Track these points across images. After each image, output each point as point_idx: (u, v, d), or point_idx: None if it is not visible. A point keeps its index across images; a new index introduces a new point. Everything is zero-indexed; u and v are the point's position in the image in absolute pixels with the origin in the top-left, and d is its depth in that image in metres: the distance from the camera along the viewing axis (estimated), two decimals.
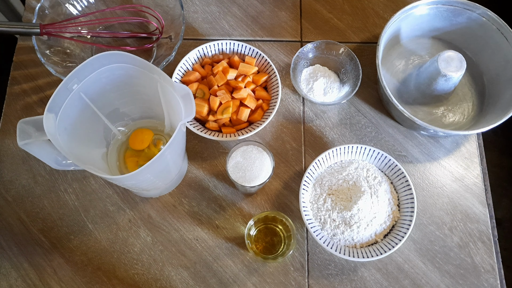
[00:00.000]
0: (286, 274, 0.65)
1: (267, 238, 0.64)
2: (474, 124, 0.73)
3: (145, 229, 0.67)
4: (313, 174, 0.66)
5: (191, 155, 0.72)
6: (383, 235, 0.64)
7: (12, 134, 0.72)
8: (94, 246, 0.66)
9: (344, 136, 0.74)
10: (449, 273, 0.66)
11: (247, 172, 0.62)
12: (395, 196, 0.66)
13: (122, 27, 0.80)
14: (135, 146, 0.65)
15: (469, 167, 0.72)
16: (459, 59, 0.69)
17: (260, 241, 0.64)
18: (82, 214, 0.68)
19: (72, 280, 0.65)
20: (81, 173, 0.70)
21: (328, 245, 0.61)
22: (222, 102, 0.69)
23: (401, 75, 0.77)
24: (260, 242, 0.64)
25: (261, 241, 0.64)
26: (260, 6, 0.83)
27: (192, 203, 0.69)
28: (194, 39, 0.80)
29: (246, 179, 0.62)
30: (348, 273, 0.66)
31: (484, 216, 0.69)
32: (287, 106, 0.75)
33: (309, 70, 0.76)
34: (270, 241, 0.64)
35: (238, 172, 0.62)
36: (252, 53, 0.73)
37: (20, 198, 0.69)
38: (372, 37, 0.81)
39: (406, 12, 0.72)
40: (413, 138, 0.74)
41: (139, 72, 0.54)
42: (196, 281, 0.65)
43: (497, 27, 0.71)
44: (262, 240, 0.64)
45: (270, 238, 0.64)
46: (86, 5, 0.75)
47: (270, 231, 0.65)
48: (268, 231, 0.65)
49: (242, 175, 0.62)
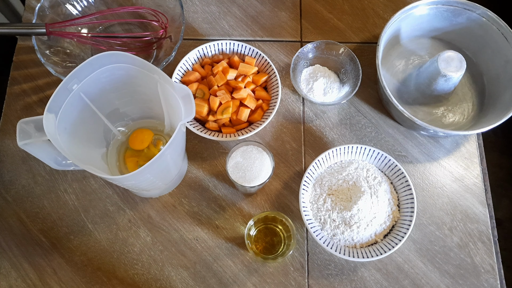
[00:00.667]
0: (286, 274, 0.65)
1: (267, 238, 0.64)
2: (474, 124, 0.73)
3: (145, 229, 0.67)
4: (313, 174, 0.66)
5: (191, 155, 0.72)
6: (383, 235, 0.64)
7: (12, 134, 0.72)
8: (94, 246, 0.66)
9: (344, 136, 0.74)
10: (449, 273, 0.66)
11: (247, 172, 0.62)
12: (395, 196, 0.66)
13: (122, 27, 0.80)
14: (135, 146, 0.65)
15: (469, 167, 0.72)
16: (459, 59, 0.69)
17: (260, 241, 0.64)
18: (82, 214, 0.68)
19: (72, 280, 0.65)
20: (81, 173, 0.70)
21: (328, 245, 0.61)
22: (222, 102, 0.69)
23: (401, 75, 0.77)
24: (260, 242, 0.64)
25: (261, 241, 0.64)
26: (260, 6, 0.83)
27: (192, 203, 0.69)
28: (194, 39, 0.80)
29: (246, 179, 0.62)
30: (348, 273, 0.66)
31: (484, 216, 0.69)
32: (287, 106, 0.75)
33: (309, 70, 0.76)
34: (270, 241, 0.64)
35: (238, 172, 0.62)
36: (252, 53, 0.73)
37: (20, 198, 0.69)
38: (372, 37, 0.81)
39: (406, 12, 0.72)
40: (413, 138, 0.74)
41: (139, 72, 0.54)
42: (196, 281, 0.65)
43: (497, 27, 0.71)
44: (262, 240, 0.64)
45: (270, 238, 0.64)
46: (86, 5, 0.75)
47: (270, 231, 0.65)
48: (268, 231, 0.65)
49: (242, 175, 0.62)
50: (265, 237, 0.65)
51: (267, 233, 0.65)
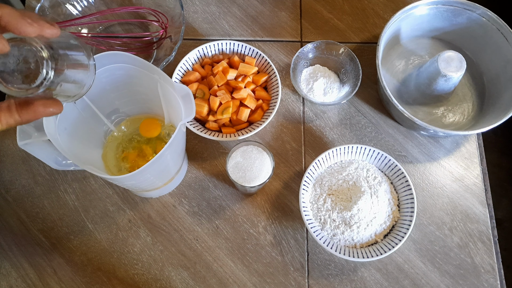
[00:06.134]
0: (286, 274, 0.65)
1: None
2: (474, 124, 0.73)
3: (145, 229, 0.67)
4: (313, 174, 0.66)
5: (191, 155, 0.72)
6: (383, 235, 0.64)
7: (12, 134, 0.72)
8: (94, 246, 0.66)
9: (344, 136, 0.74)
10: (449, 273, 0.66)
11: (247, 172, 0.62)
12: (395, 196, 0.66)
13: (122, 27, 0.80)
14: (146, 134, 0.65)
15: (469, 167, 0.72)
16: (459, 59, 0.69)
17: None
18: (82, 214, 0.68)
19: (72, 280, 0.65)
20: (81, 173, 0.70)
21: (328, 245, 0.61)
22: (222, 102, 0.69)
23: (401, 75, 0.77)
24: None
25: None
26: (260, 6, 0.83)
27: (192, 203, 0.69)
28: (194, 39, 0.80)
29: (246, 179, 0.62)
30: (348, 273, 0.66)
31: (484, 216, 0.69)
32: (287, 106, 0.75)
33: (309, 70, 0.76)
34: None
35: (238, 172, 0.62)
36: (252, 53, 0.73)
37: (20, 198, 0.69)
38: (372, 37, 0.81)
39: (406, 12, 0.72)
40: (413, 138, 0.74)
41: (139, 72, 0.54)
42: (196, 281, 0.65)
43: (497, 27, 0.71)
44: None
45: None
46: (86, 5, 0.76)
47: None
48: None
49: (242, 175, 0.62)
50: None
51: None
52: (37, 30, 0.36)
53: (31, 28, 0.35)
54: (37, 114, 0.39)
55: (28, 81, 0.37)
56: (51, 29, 0.37)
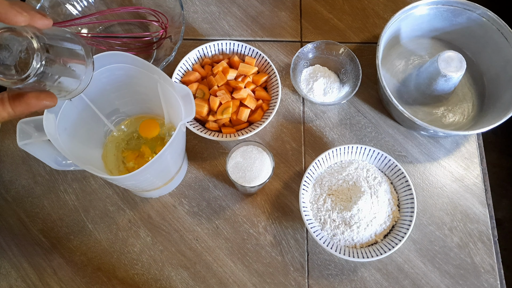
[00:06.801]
0: (286, 274, 0.65)
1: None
2: (474, 124, 0.73)
3: (145, 229, 0.67)
4: (313, 174, 0.66)
5: (191, 155, 0.72)
6: (383, 235, 0.64)
7: (12, 134, 0.72)
8: (94, 246, 0.66)
9: (344, 136, 0.74)
10: (449, 273, 0.66)
11: (247, 172, 0.62)
12: (395, 196, 0.66)
13: (122, 27, 0.80)
14: (146, 134, 0.65)
15: (469, 167, 0.72)
16: (459, 59, 0.69)
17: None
18: (82, 214, 0.68)
19: (72, 280, 0.65)
20: (81, 173, 0.70)
21: (328, 245, 0.61)
22: (222, 102, 0.69)
23: (401, 75, 0.77)
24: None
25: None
26: (260, 6, 0.83)
27: (192, 203, 0.69)
28: (194, 39, 0.80)
29: (246, 179, 0.62)
30: (348, 273, 0.66)
31: (484, 216, 0.69)
32: (287, 106, 0.75)
33: (309, 70, 0.76)
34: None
35: (238, 172, 0.62)
36: (252, 53, 0.73)
37: (20, 198, 0.69)
38: (372, 37, 0.81)
39: (406, 12, 0.72)
40: (413, 138, 0.74)
41: (139, 72, 0.54)
42: (196, 281, 0.65)
43: (497, 27, 0.71)
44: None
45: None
46: (86, 5, 0.76)
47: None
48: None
49: (242, 175, 0.62)
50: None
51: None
52: (26, 19, 0.35)
53: (21, 17, 0.35)
54: (30, 106, 0.39)
55: (19, 71, 0.37)
56: (43, 20, 0.37)
